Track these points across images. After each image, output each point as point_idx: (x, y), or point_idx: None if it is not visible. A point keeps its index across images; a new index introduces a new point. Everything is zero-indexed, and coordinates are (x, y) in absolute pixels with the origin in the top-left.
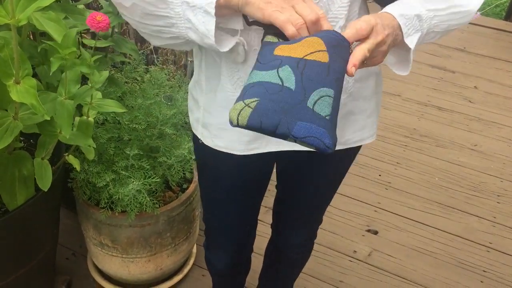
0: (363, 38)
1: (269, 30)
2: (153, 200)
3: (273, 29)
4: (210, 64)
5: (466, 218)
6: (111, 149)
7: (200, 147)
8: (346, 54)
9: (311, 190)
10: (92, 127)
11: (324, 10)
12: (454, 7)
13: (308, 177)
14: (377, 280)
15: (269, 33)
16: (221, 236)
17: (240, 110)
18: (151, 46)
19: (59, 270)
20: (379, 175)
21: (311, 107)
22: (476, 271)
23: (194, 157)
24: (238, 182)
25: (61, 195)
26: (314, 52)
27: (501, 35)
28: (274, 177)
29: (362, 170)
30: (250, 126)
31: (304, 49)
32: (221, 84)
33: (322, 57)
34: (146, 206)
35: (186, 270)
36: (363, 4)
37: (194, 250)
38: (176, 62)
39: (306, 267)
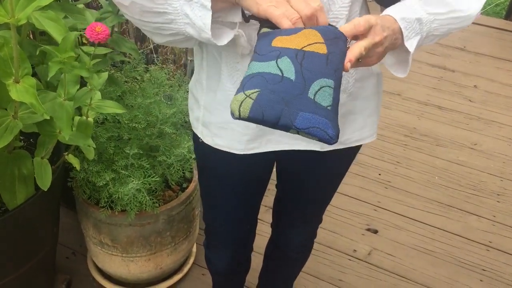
0: (361, 36)
1: (265, 24)
2: (152, 199)
3: (269, 23)
4: (211, 63)
5: (466, 217)
6: (111, 148)
7: (200, 146)
8: (343, 47)
9: (311, 190)
10: (91, 128)
11: (324, 10)
12: (454, 12)
13: (308, 176)
14: (376, 279)
15: (264, 26)
16: (221, 235)
17: (241, 101)
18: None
19: (59, 269)
20: (379, 174)
21: (312, 98)
22: (475, 270)
23: (193, 156)
24: (238, 181)
25: (61, 194)
26: (312, 43)
27: (501, 34)
28: (274, 176)
29: (362, 169)
30: (252, 118)
31: (302, 40)
32: (221, 83)
33: (320, 48)
34: (146, 205)
35: (186, 269)
36: (364, 4)
37: (194, 249)
38: (176, 61)
39: (306, 266)
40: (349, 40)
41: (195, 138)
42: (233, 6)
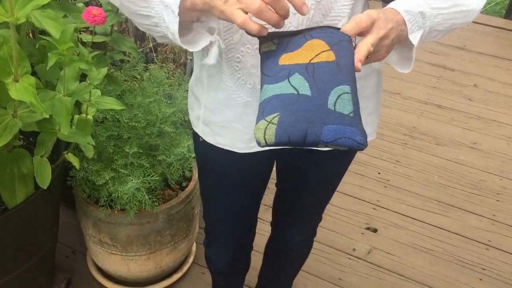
0: (365, 32)
1: (266, 39)
2: (152, 198)
3: (268, 38)
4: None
5: (465, 216)
6: (111, 147)
7: (200, 145)
8: (350, 47)
9: (311, 188)
10: (91, 125)
11: (326, 8)
12: (457, 6)
13: (308, 175)
14: (376, 277)
15: (264, 41)
16: (221, 234)
17: (264, 129)
18: (151, 44)
19: (59, 268)
20: (379, 173)
21: (333, 108)
22: (475, 269)
23: (193, 155)
24: (239, 179)
25: (60, 193)
26: (319, 53)
27: (501, 33)
28: (274, 175)
29: (361, 168)
30: (278, 143)
31: (308, 53)
32: (222, 82)
33: (328, 56)
34: (146, 204)
35: (186, 268)
36: (366, 2)
37: (194, 248)
38: (175, 60)
39: (305, 265)
40: (353, 38)
41: (195, 136)
42: (205, 14)
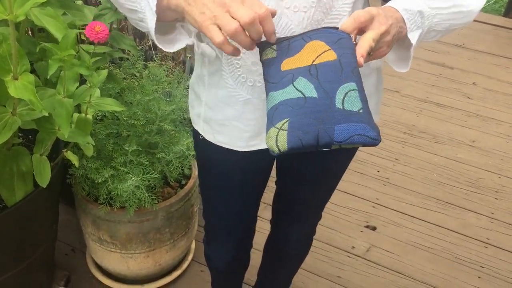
0: (365, 29)
1: (262, 46)
2: (151, 196)
3: (268, 44)
4: (212, 59)
5: (464, 214)
6: (110, 145)
7: (200, 143)
8: (350, 43)
9: (311, 186)
10: (90, 125)
11: (327, 6)
12: (456, 7)
13: (308, 173)
14: (375, 275)
15: (263, 48)
16: (220, 231)
17: (275, 136)
18: (150, 42)
19: (58, 265)
20: (378, 171)
21: (341, 107)
22: (473, 267)
23: (192, 153)
24: (238, 177)
25: (59, 191)
26: (320, 54)
27: (500, 32)
28: (273, 173)
29: (360, 166)
30: (292, 149)
31: (309, 55)
32: (222, 80)
33: (330, 55)
34: (145, 202)
35: (185, 265)
36: (366, 1)
37: (193, 246)
38: (174, 58)
39: (304, 263)
40: (352, 36)
41: (195, 134)
42: (180, 15)
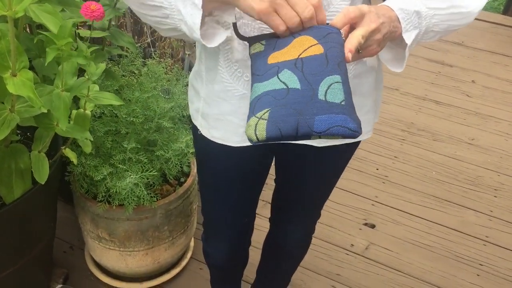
0: (355, 25)
1: (254, 40)
2: (150, 193)
3: (258, 39)
4: (210, 54)
5: (463, 212)
6: (109, 142)
7: (199, 138)
8: (339, 38)
9: (310, 185)
10: (89, 120)
11: (325, 3)
12: (455, 8)
13: (306, 171)
14: (374, 273)
15: (253, 42)
16: (219, 229)
17: (255, 125)
18: (148, 39)
19: (57, 263)
20: (377, 169)
21: (324, 99)
22: (472, 265)
23: (191, 150)
24: (237, 174)
25: (58, 189)
26: (307, 48)
27: (499, 29)
28: (272, 170)
29: (359, 164)
30: (270, 138)
31: (296, 49)
32: (219, 75)
33: (316, 50)
34: (144, 200)
35: (184, 263)
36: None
37: (192, 243)
38: (173, 56)
39: (303, 260)
40: (342, 31)
41: (194, 130)
42: (227, 5)
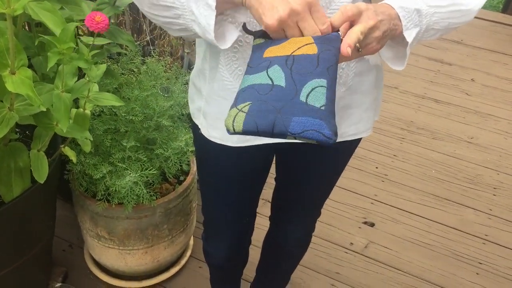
0: (353, 23)
1: (258, 34)
2: (150, 192)
3: (263, 34)
4: (214, 53)
5: (462, 210)
6: (108, 141)
7: (199, 137)
8: (336, 42)
9: (310, 184)
10: (88, 120)
11: (327, 1)
12: (455, 5)
13: (306, 170)
14: (373, 272)
15: (258, 37)
16: (219, 228)
17: (234, 116)
18: (148, 38)
19: (56, 261)
20: (376, 168)
21: (304, 101)
22: (471, 263)
23: (191, 149)
24: (236, 173)
25: (57, 187)
26: (302, 46)
27: (498, 28)
28: (273, 169)
29: (359, 163)
30: (246, 131)
31: (291, 46)
32: (219, 73)
33: (310, 49)
34: (143, 198)
35: (183, 261)
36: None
37: (191, 242)
38: (173, 54)
39: (303, 259)
40: (341, 33)
41: (195, 128)
42: (238, 6)
